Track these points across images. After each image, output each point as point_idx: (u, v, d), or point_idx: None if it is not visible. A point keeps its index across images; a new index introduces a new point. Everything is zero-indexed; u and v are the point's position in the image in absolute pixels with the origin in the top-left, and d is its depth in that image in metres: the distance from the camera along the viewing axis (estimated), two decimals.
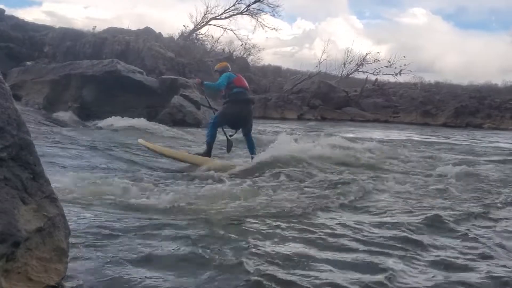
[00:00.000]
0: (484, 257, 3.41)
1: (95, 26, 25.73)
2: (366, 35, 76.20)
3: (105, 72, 16.59)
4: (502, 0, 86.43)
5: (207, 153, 7.33)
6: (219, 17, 31.29)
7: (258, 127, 15.62)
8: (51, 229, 2.38)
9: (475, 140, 16.45)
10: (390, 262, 3.16)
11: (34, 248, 2.29)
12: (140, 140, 7.96)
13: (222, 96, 7.58)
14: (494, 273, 3.08)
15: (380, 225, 4.09)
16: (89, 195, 4.67)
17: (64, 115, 15.43)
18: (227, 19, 31.55)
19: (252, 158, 7.50)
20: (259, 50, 34.73)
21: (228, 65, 7.94)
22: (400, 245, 3.53)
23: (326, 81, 31.91)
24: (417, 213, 4.57)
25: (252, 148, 7.63)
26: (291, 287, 2.72)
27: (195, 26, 31.33)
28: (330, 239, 3.63)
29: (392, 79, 34.40)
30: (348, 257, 3.26)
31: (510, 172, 7.70)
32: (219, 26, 31.68)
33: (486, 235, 3.94)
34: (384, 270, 3.00)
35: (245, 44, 32.91)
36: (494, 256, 3.45)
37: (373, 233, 3.84)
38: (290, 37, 71.14)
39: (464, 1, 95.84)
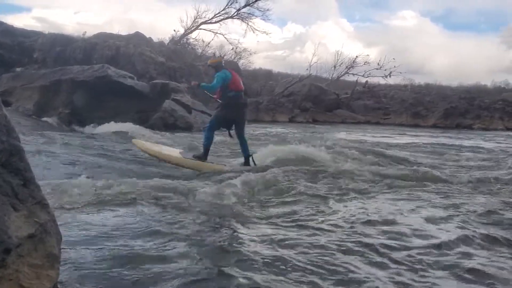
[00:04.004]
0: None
1: (85, 32, 25.57)
2: (357, 37, 76.70)
3: (95, 77, 16.49)
4: (491, 1, 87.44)
5: (204, 156, 7.36)
6: (209, 21, 31.17)
7: (250, 131, 15.62)
8: (42, 235, 2.36)
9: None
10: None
11: (26, 255, 2.27)
12: (135, 141, 7.86)
13: (218, 98, 7.59)
14: None
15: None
16: (80, 200, 4.65)
17: (54, 120, 15.35)
18: (218, 23, 31.44)
19: (245, 159, 7.55)
20: (250, 54, 34.63)
21: (222, 60, 7.93)
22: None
23: (317, 83, 31.99)
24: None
25: (246, 149, 7.63)
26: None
27: (185, 31, 31.24)
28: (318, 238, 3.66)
29: (382, 81, 34.58)
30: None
31: None
32: (210, 31, 31.56)
33: None
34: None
35: (236, 48, 32.82)
36: None
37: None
38: (281, 41, 71.28)
39: (452, 3, 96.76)
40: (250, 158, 7.54)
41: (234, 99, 7.38)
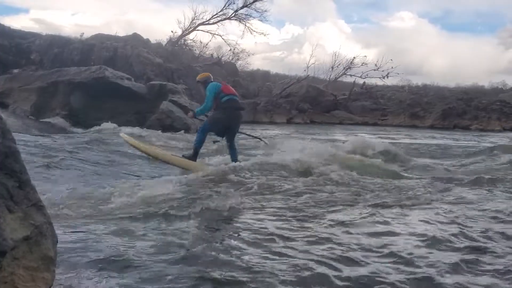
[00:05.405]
0: None
1: (83, 33, 25.63)
2: (354, 39, 77.00)
3: (93, 78, 16.50)
4: (488, 2, 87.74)
5: (193, 157, 7.28)
6: (207, 22, 31.22)
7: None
8: (38, 238, 2.35)
9: None
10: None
11: (21, 257, 2.26)
12: (123, 135, 7.84)
13: (214, 108, 7.49)
14: None
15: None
16: (77, 202, 4.64)
17: (52, 122, 15.32)
18: (215, 25, 31.52)
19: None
20: (248, 55, 34.68)
21: (210, 74, 7.86)
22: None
23: (314, 85, 32.06)
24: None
25: (234, 155, 7.54)
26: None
27: (183, 32, 31.26)
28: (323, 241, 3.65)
29: (380, 82, 34.63)
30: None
31: None
32: (207, 32, 31.62)
33: None
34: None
35: (234, 49, 32.86)
36: None
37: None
38: (279, 42, 71.42)
39: (450, 4, 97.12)
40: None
41: (229, 102, 7.30)
